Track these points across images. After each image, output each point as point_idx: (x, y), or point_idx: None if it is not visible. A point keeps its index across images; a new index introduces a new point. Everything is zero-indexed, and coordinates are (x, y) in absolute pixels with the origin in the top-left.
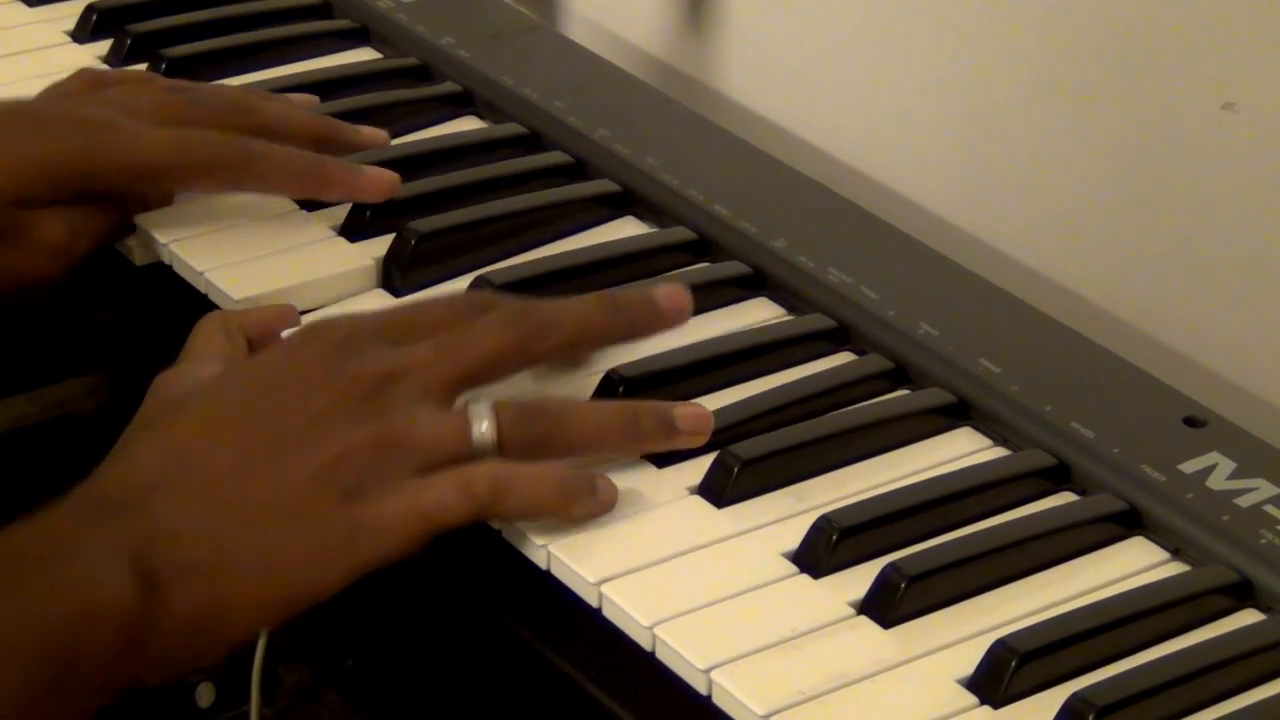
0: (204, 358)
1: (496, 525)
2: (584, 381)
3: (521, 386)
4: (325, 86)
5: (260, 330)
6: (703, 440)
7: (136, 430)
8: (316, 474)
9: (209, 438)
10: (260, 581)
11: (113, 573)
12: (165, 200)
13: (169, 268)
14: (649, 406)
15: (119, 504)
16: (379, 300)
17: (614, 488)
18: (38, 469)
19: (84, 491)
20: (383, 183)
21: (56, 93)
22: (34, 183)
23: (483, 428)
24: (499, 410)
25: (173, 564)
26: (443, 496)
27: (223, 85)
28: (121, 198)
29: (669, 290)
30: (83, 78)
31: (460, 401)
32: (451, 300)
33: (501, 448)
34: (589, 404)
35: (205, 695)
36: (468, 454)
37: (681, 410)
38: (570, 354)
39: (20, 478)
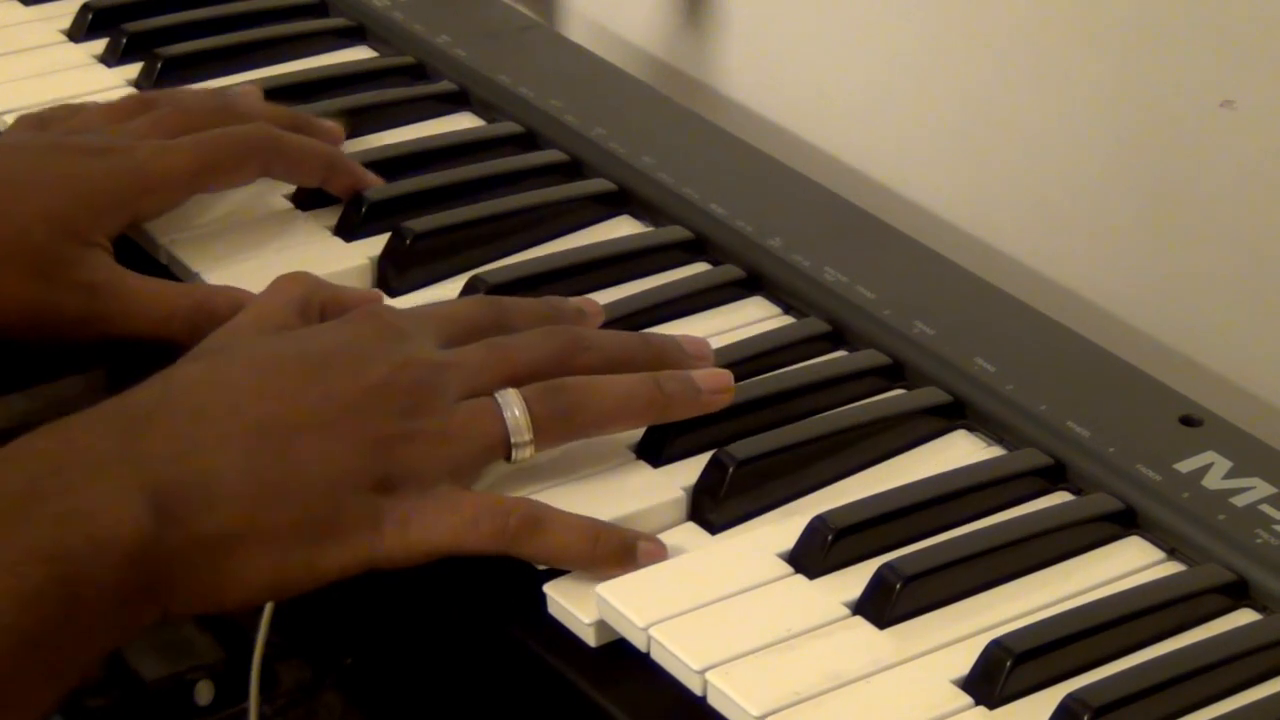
0: (267, 321)
1: None
2: None
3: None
4: (321, 85)
5: (339, 312)
6: (727, 400)
7: (183, 361)
8: (359, 452)
9: (256, 381)
10: (279, 537)
11: (128, 503)
12: None
13: (165, 266)
14: (670, 373)
15: (149, 424)
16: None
17: (661, 549)
18: None
19: (116, 405)
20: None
21: (18, 130)
22: (83, 213)
23: (515, 412)
24: (525, 394)
25: (197, 499)
26: (476, 520)
27: (188, 87)
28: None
29: (694, 339)
30: (26, 121)
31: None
32: (470, 303)
33: (536, 430)
34: (611, 377)
35: (204, 693)
36: (504, 444)
37: (701, 373)
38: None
39: None
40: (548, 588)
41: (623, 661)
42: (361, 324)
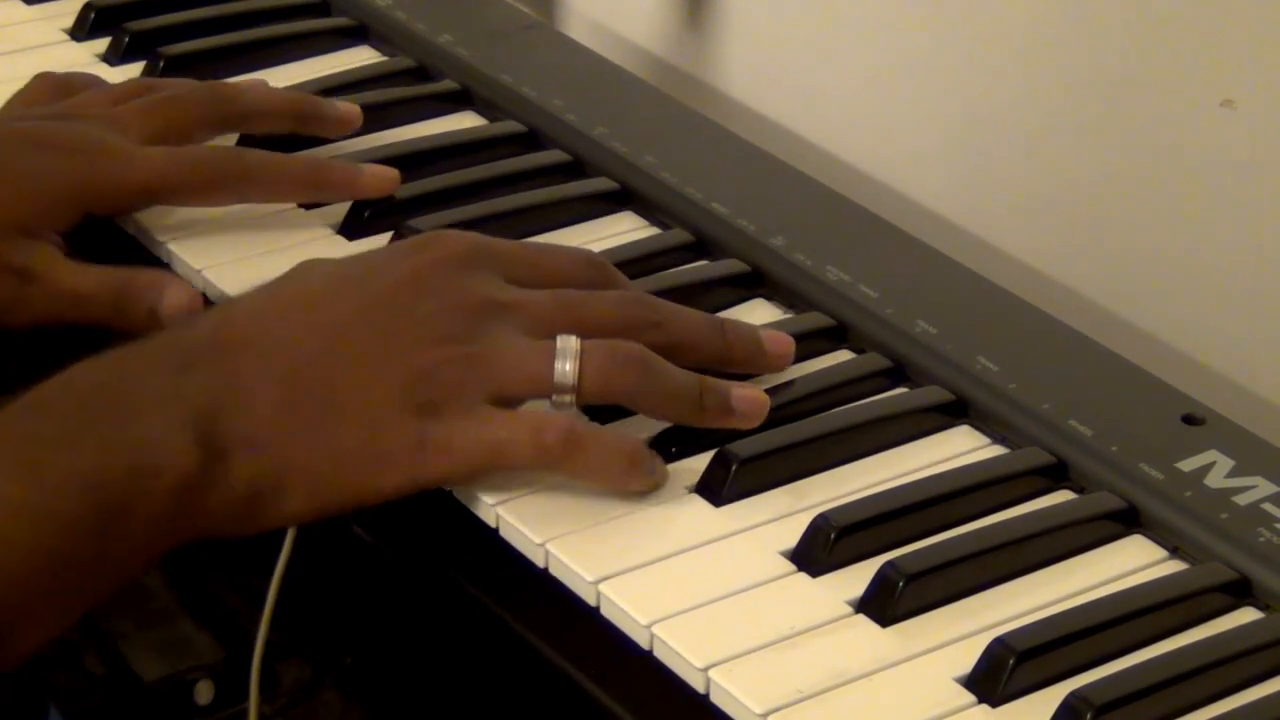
0: None
1: (496, 522)
2: None
3: None
4: (326, 92)
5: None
6: (756, 423)
7: (241, 294)
8: (400, 381)
9: (307, 314)
10: (319, 471)
11: (176, 436)
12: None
13: (166, 264)
14: (713, 385)
15: (199, 359)
16: None
17: (665, 469)
18: None
19: (170, 339)
20: (383, 179)
21: (21, 102)
22: (30, 208)
23: (566, 367)
24: (586, 351)
25: (239, 434)
26: (514, 436)
27: (187, 80)
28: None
29: (778, 336)
30: (45, 83)
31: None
32: (574, 256)
33: (580, 389)
34: (667, 369)
35: (204, 693)
36: (547, 389)
37: (740, 392)
38: (666, 356)
39: None
40: (552, 546)
41: (625, 659)
42: (424, 250)
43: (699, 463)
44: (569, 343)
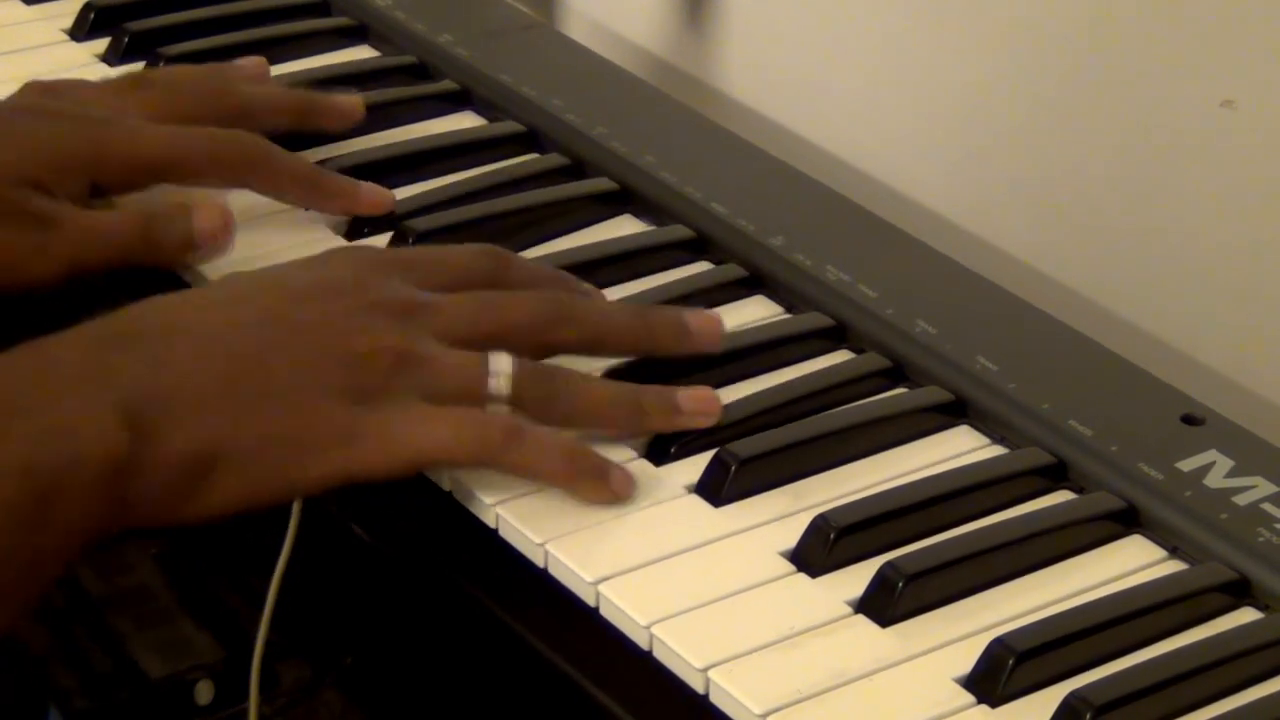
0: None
1: (495, 522)
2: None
3: None
4: (323, 86)
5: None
6: (709, 422)
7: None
8: (332, 368)
9: (233, 305)
10: (250, 455)
11: (103, 418)
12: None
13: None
14: (655, 389)
15: (129, 343)
16: None
17: (630, 482)
18: None
19: (94, 324)
20: (379, 199)
21: (18, 95)
22: (43, 169)
23: (500, 381)
24: (517, 365)
25: (170, 416)
26: (458, 433)
27: (189, 66)
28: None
29: (702, 316)
30: (34, 88)
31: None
32: (472, 251)
33: (511, 399)
34: (599, 379)
35: (204, 693)
36: (479, 396)
37: (685, 391)
38: (589, 351)
39: None
40: (551, 546)
41: (625, 659)
42: (341, 260)
43: (698, 463)
44: (501, 359)
